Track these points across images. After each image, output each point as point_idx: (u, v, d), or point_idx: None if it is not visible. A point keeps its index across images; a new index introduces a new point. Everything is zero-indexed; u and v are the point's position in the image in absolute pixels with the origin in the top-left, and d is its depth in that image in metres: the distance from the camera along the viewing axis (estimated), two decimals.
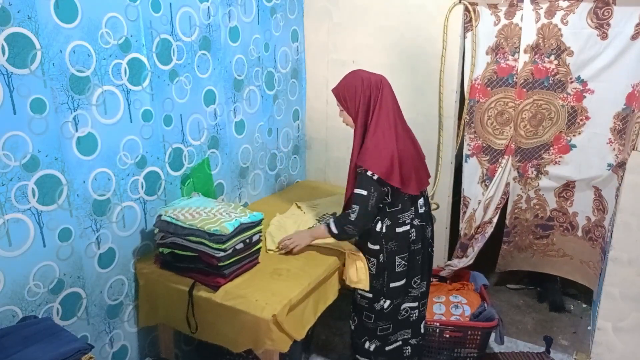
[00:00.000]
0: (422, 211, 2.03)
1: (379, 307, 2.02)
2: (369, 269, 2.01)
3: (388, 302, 2.02)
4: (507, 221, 2.79)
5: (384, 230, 1.95)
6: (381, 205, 1.93)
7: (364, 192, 1.84)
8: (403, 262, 1.98)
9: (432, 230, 2.14)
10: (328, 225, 1.96)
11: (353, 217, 1.87)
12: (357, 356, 2.14)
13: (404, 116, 1.98)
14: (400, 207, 1.95)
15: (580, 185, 2.59)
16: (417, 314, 2.09)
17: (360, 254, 2.01)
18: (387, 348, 2.09)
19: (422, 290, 2.09)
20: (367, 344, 2.08)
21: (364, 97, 1.88)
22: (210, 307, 1.80)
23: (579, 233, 2.71)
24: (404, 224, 1.96)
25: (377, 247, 1.98)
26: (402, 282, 2.00)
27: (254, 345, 1.75)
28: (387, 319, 2.04)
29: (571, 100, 2.45)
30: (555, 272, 2.89)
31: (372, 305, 2.04)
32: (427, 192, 2.10)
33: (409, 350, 2.13)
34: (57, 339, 1.45)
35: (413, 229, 1.98)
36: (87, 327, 1.85)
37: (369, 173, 1.83)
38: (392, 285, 2.00)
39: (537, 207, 2.74)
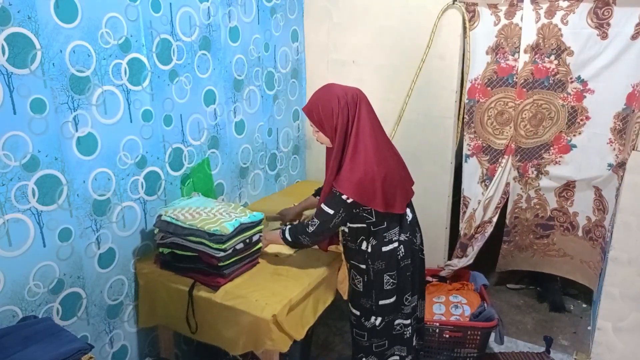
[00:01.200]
0: (409, 221, 1.93)
1: (370, 325, 1.94)
2: (356, 287, 1.95)
3: (380, 319, 1.93)
4: (507, 221, 2.79)
5: (369, 250, 1.87)
6: (365, 225, 1.85)
7: (331, 211, 1.77)
8: (392, 280, 1.90)
9: (421, 236, 2.05)
10: (283, 232, 1.91)
11: (310, 229, 1.82)
12: None
13: (384, 130, 1.88)
14: (385, 225, 1.85)
15: (581, 185, 2.59)
16: (410, 331, 2.00)
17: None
18: None
19: (414, 304, 2.00)
20: None
21: (341, 117, 1.74)
22: (210, 307, 1.80)
23: (580, 233, 2.70)
24: (391, 242, 1.86)
25: (363, 266, 1.90)
26: (393, 299, 1.92)
27: (254, 345, 1.75)
28: (381, 336, 1.96)
29: (571, 100, 2.45)
30: (556, 272, 2.89)
31: (362, 323, 1.96)
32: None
33: None
34: (57, 339, 1.45)
35: (401, 246, 1.89)
36: (87, 327, 1.85)
37: (344, 197, 1.74)
38: (381, 302, 1.91)
39: (537, 206, 2.74)
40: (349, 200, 1.75)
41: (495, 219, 2.71)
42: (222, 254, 1.78)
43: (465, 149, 2.69)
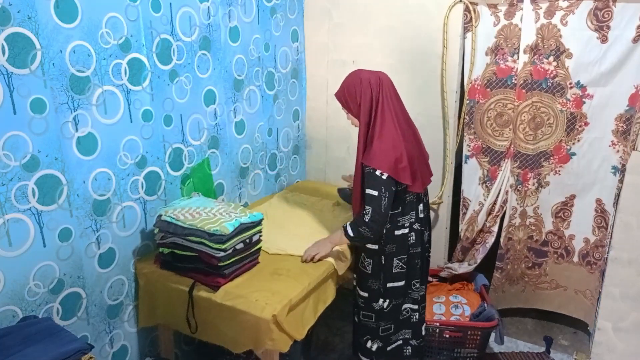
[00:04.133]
0: (422, 216, 2.02)
1: (379, 307, 2.02)
2: (365, 269, 2.01)
3: (387, 301, 2.02)
4: (501, 241, 2.68)
5: (383, 232, 1.94)
6: None
7: (375, 193, 1.81)
8: (401, 263, 1.98)
9: (430, 235, 2.14)
10: (345, 229, 1.92)
11: (367, 218, 1.83)
12: (360, 355, 2.13)
13: (407, 113, 1.99)
14: (400, 210, 1.94)
15: (581, 200, 2.54)
16: (417, 316, 2.09)
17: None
18: (389, 348, 2.09)
19: (422, 293, 2.09)
20: (369, 344, 2.07)
21: (364, 97, 1.87)
22: (210, 307, 1.80)
23: (575, 259, 2.64)
24: (403, 227, 1.96)
25: (375, 247, 1.98)
26: (402, 283, 2.00)
27: (254, 345, 1.75)
28: (388, 318, 2.04)
29: (571, 107, 2.42)
30: (547, 307, 2.81)
31: (370, 305, 2.03)
32: (427, 197, 2.09)
33: (409, 351, 2.13)
34: (57, 339, 1.45)
35: (412, 233, 1.98)
36: (87, 327, 1.85)
37: (378, 172, 1.80)
38: (389, 285, 1.99)
39: (532, 227, 2.67)
40: (384, 176, 1.80)
41: (495, 229, 2.65)
42: (222, 254, 1.78)
43: (465, 149, 2.68)
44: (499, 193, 2.60)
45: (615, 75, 2.30)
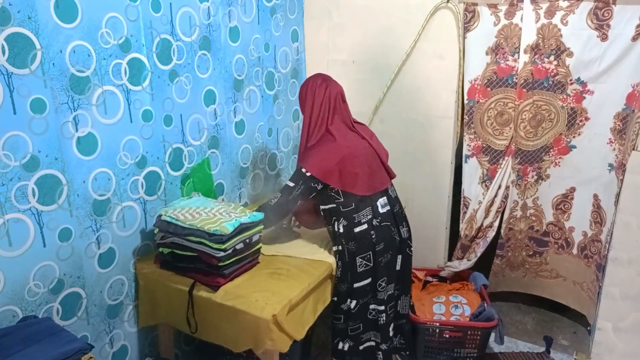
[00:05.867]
0: (384, 211, 2.03)
1: (346, 307, 2.03)
2: (336, 273, 2.03)
3: (354, 302, 2.02)
4: (502, 231, 2.72)
5: (341, 230, 1.98)
6: (335, 205, 1.99)
7: (292, 184, 1.96)
8: (364, 261, 1.99)
9: (409, 231, 2.14)
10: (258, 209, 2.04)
11: (273, 202, 2.00)
12: (334, 358, 2.13)
13: (351, 117, 2.07)
14: (353, 207, 1.97)
15: (580, 193, 2.56)
16: (384, 318, 2.07)
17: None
18: (361, 347, 2.09)
19: (389, 292, 2.07)
20: (340, 345, 2.08)
21: (304, 100, 2.03)
22: (210, 307, 1.80)
23: (574, 250, 2.66)
24: (360, 223, 1.98)
25: (339, 248, 2.01)
26: (368, 281, 2.01)
27: (254, 345, 1.75)
28: (355, 318, 2.05)
29: (571, 102, 2.44)
30: (547, 295, 2.84)
31: (339, 307, 2.05)
32: (393, 192, 2.12)
33: (381, 356, 2.12)
34: (57, 339, 1.45)
35: (373, 230, 1.99)
36: (87, 327, 1.85)
37: (303, 170, 1.93)
38: (356, 285, 2.01)
39: (533, 217, 2.69)
40: (308, 174, 1.93)
41: (496, 224, 2.68)
42: (222, 254, 1.78)
43: (465, 149, 2.69)
44: (498, 189, 2.61)
45: (614, 73, 2.31)
